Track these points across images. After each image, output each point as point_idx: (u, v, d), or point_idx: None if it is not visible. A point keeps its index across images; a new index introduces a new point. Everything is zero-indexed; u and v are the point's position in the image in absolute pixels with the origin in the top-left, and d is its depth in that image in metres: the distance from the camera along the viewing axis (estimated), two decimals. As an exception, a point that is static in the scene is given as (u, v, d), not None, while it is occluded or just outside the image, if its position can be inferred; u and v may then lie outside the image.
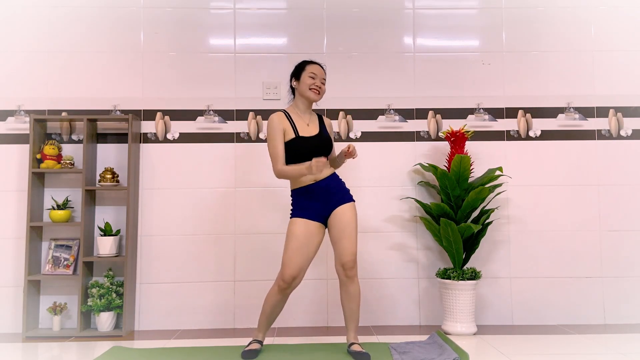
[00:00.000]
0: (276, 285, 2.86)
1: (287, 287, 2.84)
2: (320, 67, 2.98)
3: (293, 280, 2.82)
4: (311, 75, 2.93)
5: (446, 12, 3.83)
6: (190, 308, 3.61)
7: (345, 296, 2.89)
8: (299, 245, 2.82)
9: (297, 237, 2.83)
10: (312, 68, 2.96)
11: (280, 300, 2.89)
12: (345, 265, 2.83)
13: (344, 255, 2.83)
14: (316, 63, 2.99)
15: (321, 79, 2.96)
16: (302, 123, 2.93)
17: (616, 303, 3.66)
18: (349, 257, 2.83)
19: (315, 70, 2.95)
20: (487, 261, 3.68)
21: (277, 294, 2.87)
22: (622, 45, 3.80)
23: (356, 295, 2.88)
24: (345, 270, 2.84)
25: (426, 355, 2.83)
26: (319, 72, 2.96)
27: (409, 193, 3.72)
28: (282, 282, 2.83)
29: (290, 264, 2.81)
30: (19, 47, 3.68)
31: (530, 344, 3.15)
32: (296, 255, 2.82)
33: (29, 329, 3.41)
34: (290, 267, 2.81)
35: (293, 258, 2.81)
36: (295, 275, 2.81)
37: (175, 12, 3.76)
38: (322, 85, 2.96)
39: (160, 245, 3.63)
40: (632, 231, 3.71)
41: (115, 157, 3.67)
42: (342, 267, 2.84)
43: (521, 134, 3.77)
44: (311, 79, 2.93)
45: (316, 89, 2.93)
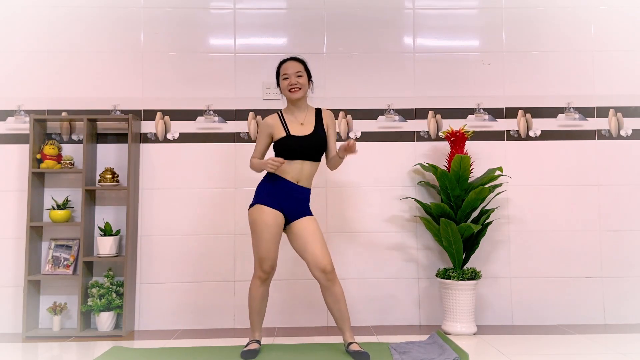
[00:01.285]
0: (256, 278, 2.90)
1: (267, 277, 2.90)
2: (292, 62, 2.98)
3: (272, 269, 2.89)
4: (284, 76, 2.96)
5: (446, 12, 3.83)
6: (190, 308, 3.61)
7: (331, 299, 2.88)
8: (272, 234, 2.86)
9: (270, 226, 2.85)
10: (283, 69, 2.97)
11: (264, 292, 2.94)
12: (325, 269, 2.82)
13: (321, 260, 2.82)
14: (286, 60, 3.00)
15: (295, 74, 2.94)
16: (295, 122, 2.95)
17: (616, 303, 3.66)
18: (326, 259, 2.83)
19: (286, 70, 2.95)
20: (487, 261, 3.68)
21: (260, 287, 2.91)
22: (622, 45, 3.80)
23: (341, 295, 2.88)
24: (326, 274, 2.83)
25: (426, 355, 2.83)
26: (290, 68, 2.95)
27: (409, 193, 3.72)
28: (262, 273, 2.88)
29: (267, 253, 2.86)
30: (19, 47, 3.68)
31: (530, 344, 3.15)
32: (272, 245, 2.86)
33: (29, 329, 3.41)
34: (267, 257, 2.86)
35: (270, 248, 2.86)
36: (273, 264, 2.89)
37: (175, 12, 3.76)
38: (298, 80, 2.94)
39: (160, 245, 3.63)
40: (632, 231, 3.70)
41: (115, 157, 3.67)
42: (321, 272, 2.82)
43: (521, 134, 3.77)
44: (285, 81, 2.95)
45: (293, 87, 2.93)
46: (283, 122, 2.95)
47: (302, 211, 2.92)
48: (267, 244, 2.85)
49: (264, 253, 2.86)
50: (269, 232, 2.85)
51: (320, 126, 2.97)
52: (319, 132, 2.95)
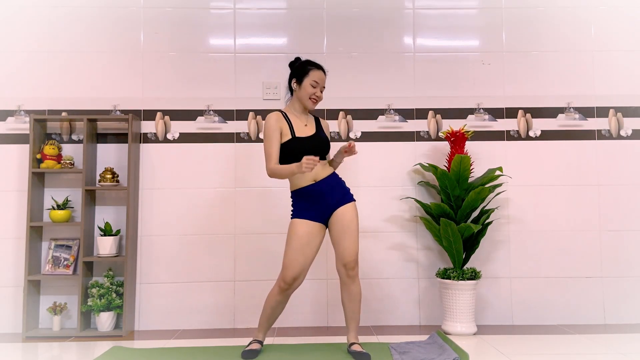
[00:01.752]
0: (277, 286, 2.86)
1: (287, 288, 2.84)
2: (323, 74, 2.93)
3: (294, 281, 2.82)
4: (313, 83, 2.89)
5: (446, 12, 3.83)
6: (190, 308, 3.61)
7: (347, 296, 2.88)
8: (300, 246, 2.81)
9: (298, 237, 2.82)
10: (315, 75, 2.90)
11: (281, 302, 2.89)
12: (348, 265, 2.83)
13: (346, 256, 2.83)
14: (320, 68, 2.93)
15: (322, 87, 2.93)
16: (299, 123, 2.91)
17: (616, 303, 3.66)
18: (351, 257, 2.83)
19: (317, 78, 2.90)
20: (487, 261, 3.68)
21: (278, 295, 2.86)
22: (622, 45, 3.80)
23: (357, 295, 2.88)
24: (347, 270, 2.84)
25: (426, 355, 2.83)
26: (321, 80, 2.91)
27: (409, 193, 3.72)
28: (283, 283, 2.82)
29: (292, 265, 2.81)
30: (19, 47, 3.68)
31: (530, 344, 3.15)
32: (297, 256, 2.81)
33: (29, 329, 3.41)
34: (291, 268, 2.81)
35: (294, 259, 2.81)
36: (296, 276, 2.81)
37: (175, 12, 3.76)
38: (321, 95, 2.93)
39: (160, 245, 3.63)
40: (632, 231, 3.71)
41: (115, 157, 3.67)
42: (344, 267, 2.84)
43: (521, 134, 3.77)
44: (312, 88, 2.89)
45: (315, 99, 2.91)
46: (289, 122, 2.90)
47: (340, 198, 2.87)
48: (294, 253, 2.81)
49: (288, 262, 2.82)
50: (298, 242, 2.81)
51: (320, 129, 2.97)
52: (321, 133, 2.95)
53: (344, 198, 2.89)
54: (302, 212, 2.86)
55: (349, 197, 2.91)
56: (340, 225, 2.84)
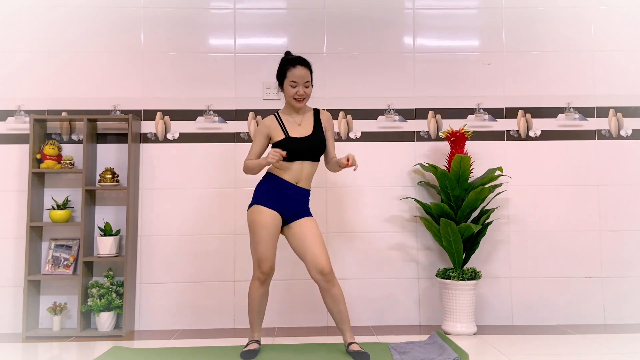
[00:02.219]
0: (256, 280, 2.89)
1: (266, 278, 2.89)
2: (302, 69, 2.86)
3: (271, 270, 2.88)
4: (292, 84, 2.86)
5: (446, 12, 3.83)
6: (190, 308, 3.61)
7: (330, 300, 2.86)
8: (270, 235, 2.85)
9: (267, 227, 2.84)
10: (293, 74, 2.85)
11: (264, 293, 2.93)
12: (324, 271, 2.80)
13: (319, 262, 2.80)
14: (297, 64, 2.86)
15: (304, 83, 2.87)
16: (293, 124, 2.92)
17: (616, 303, 3.66)
18: (324, 261, 2.81)
19: (295, 77, 2.85)
20: (487, 261, 3.68)
21: (259, 288, 2.90)
22: (622, 45, 3.80)
23: (340, 296, 2.87)
24: (325, 276, 2.81)
25: (426, 355, 2.83)
26: (299, 77, 2.85)
27: (409, 193, 3.72)
28: (261, 274, 2.87)
29: (266, 255, 2.84)
30: (19, 47, 3.68)
31: (530, 344, 3.15)
32: (270, 246, 2.85)
33: (29, 329, 3.41)
34: (265, 258, 2.85)
35: (268, 249, 2.85)
36: (272, 265, 2.87)
37: (175, 12, 3.76)
38: (305, 90, 2.88)
39: (160, 245, 3.63)
40: (632, 231, 3.70)
41: (115, 157, 3.67)
42: (320, 274, 2.81)
43: (521, 134, 3.77)
44: (292, 88, 2.87)
45: (299, 97, 2.89)
46: (281, 124, 2.92)
47: (302, 212, 2.92)
48: (265, 245, 2.84)
49: (262, 254, 2.85)
50: (267, 233, 2.84)
51: (318, 127, 2.95)
52: (318, 133, 2.94)
53: (305, 212, 2.93)
54: (267, 198, 2.87)
55: (309, 213, 2.95)
56: (304, 234, 2.86)
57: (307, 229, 2.87)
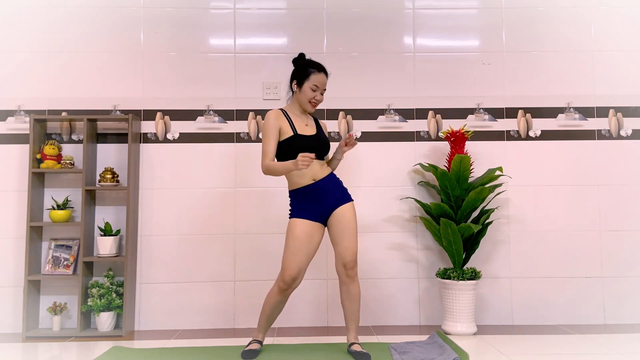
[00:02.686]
0: (276, 286, 2.86)
1: (287, 288, 2.84)
2: (324, 76, 2.91)
3: (293, 282, 2.82)
4: (313, 87, 2.88)
5: (446, 12, 3.83)
6: (190, 308, 3.61)
7: (346, 296, 2.88)
8: (299, 246, 2.81)
9: (297, 237, 2.81)
10: (316, 79, 2.88)
11: (281, 301, 2.89)
12: (347, 265, 2.83)
13: (346, 255, 2.83)
14: (321, 71, 2.91)
15: (322, 90, 2.92)
16: (300, 122, 2.92)
17: (616, 303, 3.66)
18: (351, 256, 2.83)
19: (318, 82, 2.88)
20: (487, 261, 3.68)
21: (277, 295, 2.86)
22: (622, 45, 3.80)
23: (357, 295, 2.88)
24: (347, 270, 2.84)
25: (426, 355, 2.83)
26: (321, 83, 2.90)
27: (409, 193, 3.72)
28: (282, 283, 2.82)
29: (290, 265, 2.80)
30: (19, 47, 3.68)
31: (530, 344, 3.15)
32: (296, 256, 2.81)
33: (29, 329, 3.41)
34: (290, 269, 2.80)
35: (293, 259, 2.81)
36: (295, 276, 2.81)
37: (175, 12, 3.76)
38: (321, 98, 2.93)
39: (160, 245, 3.63)
40: (632, 231, 3.71)
41: (115, 157, 3.67)
42: (343, 267, 2.84)
43: (521, 134, 3.77)
44: (312, 92, 2.89)
45: (315, 102, 2.91)
46: (289, 120, 2.90)
47: (340, 197, 2.87)
48: (292, 254, 2.81)
49: (286, 263, 2.82)
50: (296, 244, 2.81)
51: (320, 130, 2.98)
52: (322, 134, 2.96)
53: (342, 198, 2.89)
54: (300, 212, 2.86)
55: (347, 197, 2.91)
56: (340, 225, 2.85)
57: (343, 219, 2.84)
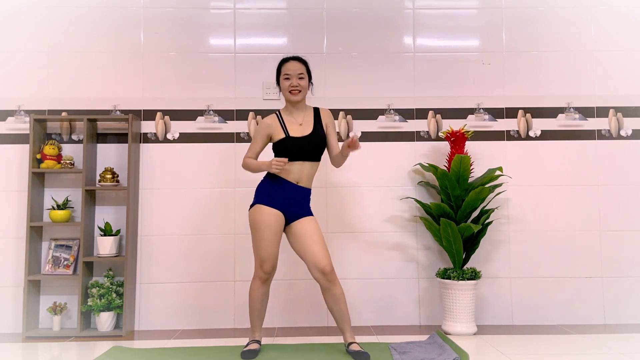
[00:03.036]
0: (257, 279, 2.90)
1: (267, 278, 2.89)
2: (294, 62, 2.93)
3: (273, 270, 2.89)
4: (285, 76, 2.92)
5: (446, 12, 3.83)
6: (190, 308, 3.61)
7: (331, 300, 2.86)
8: (272, 234, 2.85)
9: (269, 226, 2.84)
10: (285, 68, 2.93)
11: (265, 292, 2.93)
12: (324, 270, 2.80)
13: (320, 260, 2.81)
14: (289, 59, 2.95)
15: (297, 75, 2.91)
16: (294, 123, 2.93)
17: (616, 303, 3.66)
18: (325, 260, 2.81)
19: (288, 70, 2.91)
20: (487, 261, 3.68)
21: (260, 287, 2.90)
22: (622, 45, 3.80)
23: (341, 295, 2.87)
24: (326, 275, 2.81)
25: (426, 355, 2.83)
26: (292, 69, 2.91)
27: (409, 193, 3.71)
28: (263, 273, 2.87)
29: (268, 254, 2.85)
30: (19, 47, 3.68)
31: (530, 344, 3.15)
32: (271, 245, 2.85)
33: (29, 329, 3.40)
34: (268, 259, 2.85)
35: (269, 248, 2.85)
36: (274, 264, 2.88)
37: (175, 12, 3.76)
38: (300, 82, 2.91)
39: (160, 245, 3.63)
40: (632, 231, 3.70)
41: (115, 157, 3.67)
42: (321, 273, 2.81)
43: (521, 134, 3.77)
44: (287, 81, 2.91)
45: (294, 89, 2.91)
46: (282, 123, 2.93)
47: (302, 211, 2.92)
48: (268, 244, 2.85)
49: (264, 254, 2.85)
50: (270, 232, 2.84)
51: (319, 125, 2.97)
52: (319, 131, 2.95)
53: (305, 211, 2.93)
54: (269, 199, 2.87)
55: (309, 212, 2.95)
56: (305, 233, 2.86)
57: (308, 229, 2.87)
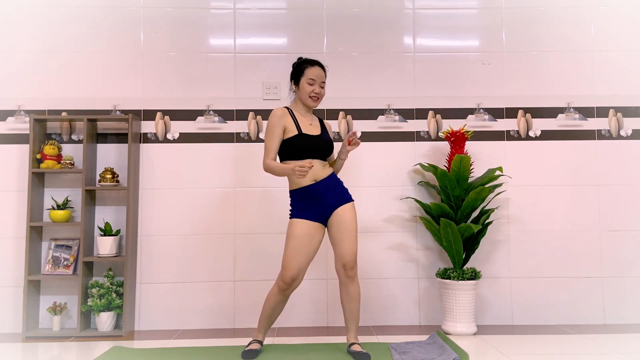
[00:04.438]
0: (276, 286, 2.86)
1: (287, 288, 2.84)
2: (319, 69, 2.91)
3: (293, 281, 2.82)
4: (310, 81, 2.88)
5: (446, 12, 3.83)
6: (190, 308, 3.61)
7: (346, 297, 2.88)
8: (299, 245, 2.81)
9: (297, 237, 2.82)
10: (311, 72, 2.88)
11: (281, 301, 2.89)
12: (347, 266, 2.83)
13: (346, 256, 2.83)
14: (315, 64, 2.91)
15: (320, 83, 2.90)
16: (305, 121, 2.91)
17: (616, 303, 3.66)
18: (350, 257, 2.83)
19: (314, 75, 2.88)
20: (487, 261, 3.68)
21: (277, 295, 2.86)
22: (622, 45, 3.80)
23: (356, 295, 2.88)
24: (346, 271, 2.84)
25: (426, 355, 2.83)
26: (318, 75, 2.89)
27: (409, 193, 3.72)
28: (282, 283, 2.83)
29: (290, 265, 2.81)
30: (19, 47, 3.68)
31: (530, 344, 3.15)
32: (296, 256, 2.81)
33: (29, 329, 3.41)
34: (290, 269, 2.81)
35: (293, 259, 2.81)
36: (295, 276, 2.81)
37: (175, 12, 3.76)
38: (321, 90, 2.91)
39: (160, 245, 3.63)
40: (632, 231, 3.70)
41: (115, 157, 3.67)
42: (343, 268, 2.84)
43: (521, 134, 3.77)
44: (310, 86, 2.88)
45: (315, 96, 2.90)
46: (294, 119, 2.89)
47: (339, 198, 2.87)
48: (291, 254, 2.81)
49: (286, 262, 2.82)
50: (295, 243, 2.81)
51: (325, 131, 2.98)
52: (326, 136, 2.96)
53: (342, 198, 2.89)
54: (300, 212, 2.86)
55: (347, 197, 2.91)
56: (340, 226, 2.84)
57: (345, 220, 2.84)
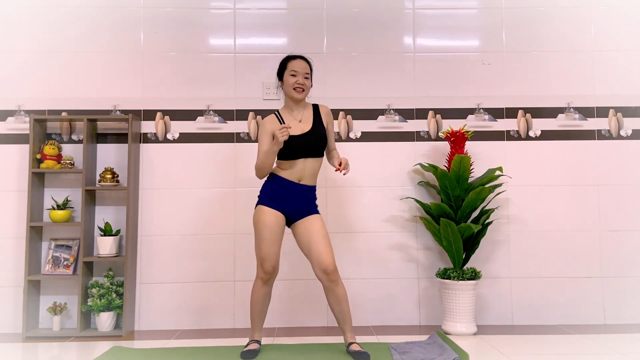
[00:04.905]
0: (258, 279, 2.90)
1: (269, 278, 2.89)
2: (302, 61, 2.92)
3: (274, 270, 2.88)
4: (292, 73, 2.90)
5: (446, 12, 3.83)
6: (190, 308, 3.61)
7: (333, 300, 2.87)
8: (273, 235, 2.85)
9: (270, 228, 2.84)
10: (293, 65, 2.91)
11: (267, 293, 2.93)
12: (327, 269, 2.81)
13: (323, 260, 2.81)
14: (297, 57, 2.93)
15: (304, 74, 2.90)
16: (293, 121, 2.92)
17: (616, 303, 3.66)
18: (329, 259, 2.81)
19: (296, 67, 2.90)
20: (487, 261, 3.68)
21: (261, 288, 2.90)
22: (622, 45, 3.80)
23: (343, 296, 2.87)
24: (328, 275, 2.82)
25: (426, 355, 2.83)
26: (300, 67, 2.90)
27: (409, 193, 3.72)
28: (264, 274, 2.86)
29: (269, 254, 2.85)
30: (19, 47, 3.68)
31: (530, 344, 3.15)
32: (272, 246, 2.85)
33: (29, 329, 3.41)
34: (269, 259, 2.85)
35: (269, 248, 2.85)
36: (275, 264, 2.87)
37: (175, 12, 3.76)
38: (305, 82, 2.91)
39: (160, 245, 3.63)
40: (632, 231, 3.70)
41: (115, 157, 3.67)
42: (323, 273, 2.82)
43: (521, 134, 3.77)
44: (292, 77, 2.89)
45: (299, 87, 2.90)
46: (281, 122, 2.93)
47: (307, 210, 2.91)
48: (268, 244, 2.85)
49: (264, 253, 2.85)
50: (269, 232, 2.84)
51: (318, 121, 2.96)
52: (319, 127, 2.94)
53: (311, 209, 2.93)
54: (272, 201, 2.88)
55: (315, 210, 2.95)
56: (310, 232, 2.86)
57: (312, 227, 2.86)
